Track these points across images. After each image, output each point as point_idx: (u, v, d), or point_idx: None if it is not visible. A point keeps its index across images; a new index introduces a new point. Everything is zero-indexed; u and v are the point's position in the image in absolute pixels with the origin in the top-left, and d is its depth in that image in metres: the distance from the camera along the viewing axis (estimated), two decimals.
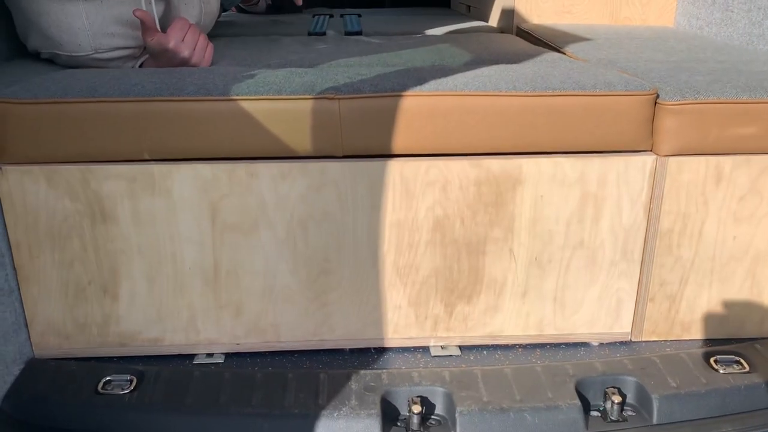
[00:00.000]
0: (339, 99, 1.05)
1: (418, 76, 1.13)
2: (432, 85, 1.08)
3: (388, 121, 1.06)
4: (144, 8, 1.31)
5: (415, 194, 1.09)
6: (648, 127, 1.09)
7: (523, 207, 1.10)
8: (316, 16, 2.48)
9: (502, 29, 2.10)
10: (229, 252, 1.10)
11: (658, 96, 1.09)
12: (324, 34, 2.07)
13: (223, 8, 2.10)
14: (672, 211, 1.11)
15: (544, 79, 1.11)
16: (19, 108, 1.01)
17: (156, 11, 1.35)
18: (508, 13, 2.04)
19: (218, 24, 1.90)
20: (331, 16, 2.53)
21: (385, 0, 3.76)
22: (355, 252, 1.11)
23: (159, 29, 1.30)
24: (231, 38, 1.83)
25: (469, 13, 2.62)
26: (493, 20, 2.23)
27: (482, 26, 2.14)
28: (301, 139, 1.06)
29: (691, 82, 1.12)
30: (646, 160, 1.09)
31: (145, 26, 1.27)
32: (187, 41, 1.30)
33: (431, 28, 2.11)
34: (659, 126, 1.09)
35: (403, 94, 1.05)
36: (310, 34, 2.03)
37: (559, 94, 1.06)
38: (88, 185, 1.05)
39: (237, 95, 1.04)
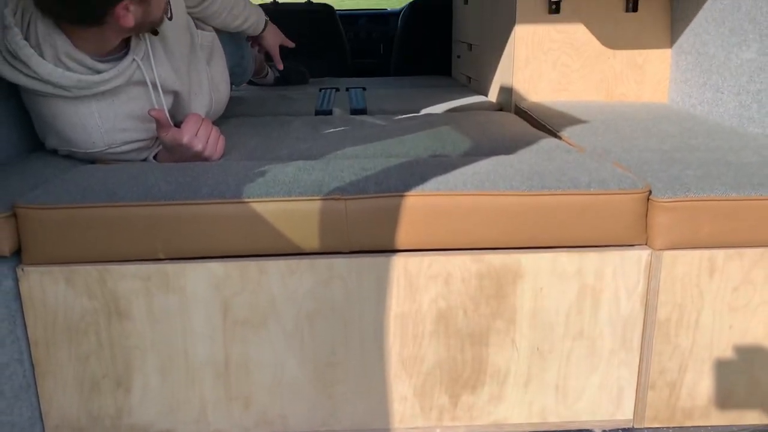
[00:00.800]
0: (345, 200, 1.10)
1: (420, 173, 1.18)
2: (433, 184, 1.14)
3: (391, 219, 1.11)
4: (155, 104, 1.39)
5: (418, 287, 1.13)
6: (642, 222, 1.14)
7: (523, 299, 1.14)
8: (323, 90, 2.58)
9: (501, 106, 2.18)
10: (239, 346, 1.13)
11: (651, 192, 1.14)
12: (330, 112, 2.15)
13: (234, 85, 2.19)
14: (668, 302, 1.15)
15: (541, 176, 1.16)
16: (42, 213, 1.07)
17: (166, 104, 1.42)
18: (507, 91, 2.12)
19: (228, 100, 1.98)
20: (337, 89, 2.62)
21: (389, 68, 3.90)
22: (361, 344, 1.15)
23: (172, 124, 1.37)
24: (241, 119, 1.91)
25: (470, 85, 2.71)
26: (493, 95, 2.31)
27: (482, 102, 2.21)
28: (309, 237, 1.11)
29: (682, 178, 1.17)
30: (642, 254, 1.13)
31: (159, 123, 1.34)
32: (200, 136, 1.37)
33: (433, 104, 2.19)
34: (653, 221, 1.13)
35: (406, 194, 1.10)
36: (317, 112, 2.12)
37: (554, 193, 1.11)
38: (105, 284, 1.10)
39: (249, 197, 1.09)
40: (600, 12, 2.01)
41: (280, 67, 2.24)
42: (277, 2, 3.55)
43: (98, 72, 1.30)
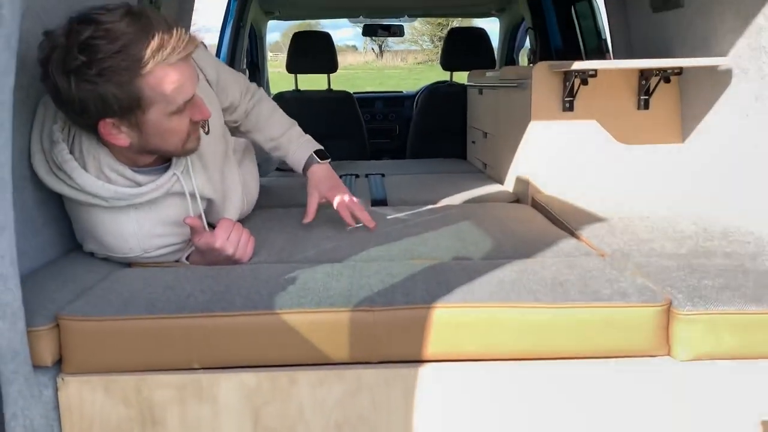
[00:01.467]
0: (374, 311, 1.14)
1: (446, 282, 1.23)
2: (458, 294, 1.18)
3: (419, 330, 1.14)
4: (191, 212, 1.45)
5: (447, 398, 1.15)
6: (663, 333, 1.16)
7: (550, 408, 1.16)
8: (343, 177, 2.66)
9: (518, 196, 2.23)
10: None
11: (671, 304, 1.17)
12: None
13: (260, 175, 2.27)
14: (692, 411, 1.16)
15: (564, 286, 1.20)
16: (84, 324, 1.12)
17: (202, 209, 1.49)
18: (523, 182, 2.19)
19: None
20: (357, 176, 2.71)
21: (405, 149, 4.01)
22: None
23: (207, 229, 1.43)
24: (268, 212, 1.97)
25: (485, 171, 2.79)
26: (509, 184, 2.37)
27: (499, 193, 2.28)
28: (338, 348, 1.14)
29: (700, 289, 1.20)
30: (665, 365, 1.15)
31: (194, 230, 1.40)
32: (231, 240, 1.43)
33: (451, 194, 2.25)
34: (674, 333, 1.16)
35: (433, 306, 1.14)
36: None
37: (578, 305, 1.14)
38: (141, 393, 1.13)
39: (281, 308, 1.14)
40: (612, 110, 2.10)
41: (306, 220, 1.70)
42: (299, 90, 3.71)
43: (138, 183, 1.38)
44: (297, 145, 1.77)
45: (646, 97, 2.08)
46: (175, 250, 1.49)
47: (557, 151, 2.12)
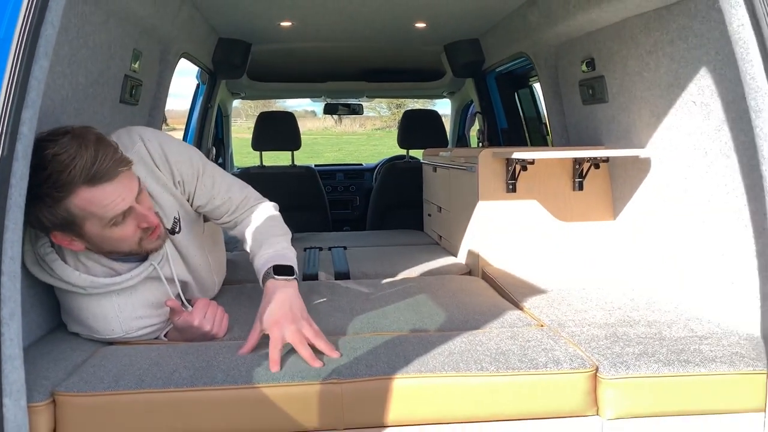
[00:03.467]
0: (341, 383, 1.29)
1: (404, 354, 1.39)
2: (416, 365, 1.34)
3: (381, 399, 1.30)
4: (171, 293, 1.59)
5: None
6: (592, 396, 1.34)
7: None
8: (307, 251, 2.83)
9: (470, 268, 2.43)
10: None
11: (597, 369, 1.35)
12: (316, 276, 2.38)
13: (228, 251, 2.41)
14: None
15: (506, 356, 1.37)
16: (78, 399, 1.23)
17: (180, 291, 1.63)
18: (474, 256, 2.39)
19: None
20: (321, 248, 2.88)
21: (365, 219, 4.21)
22: None
23: (186, 309, 1.57)
24: (238, 288, 2.11)
25: (440, 242, 2.99)
26: (462, 256, 2.57)
27: (453, 265, 2.47)
28: (310, 417, 1.28)
29: (623, 355, 1.39)
30: (594, 424, 1.33)
31: (173, 310, 1.54)
32: (208, 317, 1.57)
33: (409, 267, 2.43)
34: (601, 395, 1.34)
35: (393, 377, 1.30)
36: (304, 277, 2.34)
37: (517, 373, 1.32)
38: None
39: (257, 383, 1.28)
40: (551, 191, 2.34)
41: (240, 352, 1.43)
42: (264, 165, 3.90)
43: (115, 271, 1.52)
44: (262, 257, 1.63)
45: (580, 179, 2.33)
46: (154, 330, 1.62)
47: (503, 227, 2.34)
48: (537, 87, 3.55)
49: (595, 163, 2.27)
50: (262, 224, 1.73)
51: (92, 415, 1.24)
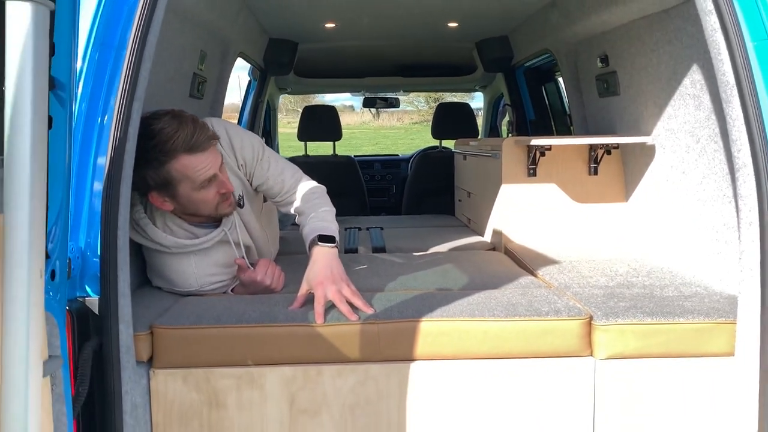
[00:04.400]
0: (378, 324, 1.59)
1: (429, 304, 1.68)
2: (438, 312, 1.63)
3: (410, 337, 1.59)
4: (237, 254, 1.92)
5: (430, 387, 1.58)
6: (587, 339, 1.61)
7: (501, 394, 1.59)
8: (347, 230, 3.13)
9: (494, 246, 2.70)
10: (300, 430, 1.57)
11: (592, 318, 1.62)
12: (356, 250, 2.69)
13: (280, 228, 2.73)
14: (606, 394, 1.59)
15: (515, 306, 1.65)
16: (170, 332, 1.56)
17: (244, 253, 1.95)
18: (498, 234, 2.66)
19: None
20: (360, 229, 3.18)
21: (401, 206, 4.51)
22: (388, 429, 1.58)
23: (250, 267, 1.89)
24: (289, 257, 2.43)
25: (470, 225, 3.27)
26: (488, 236, 2.85)
27: (478, 242, 2.75)
28: (352, 350, 1.59)
29: (615, 308, 1.66)
30: (588, 363, 1.60)
31: (240, 267, 1.87)
32: (268, 273, 1.89)
33: (439, 244, 2.71)
34: (594, 339, 1.61)
35: (420, 319, 1.59)
36: (346, 251, 2.65)
37: (523, 319, 1.60)
38: (209, 382, 1.56)
39: (311, 323, 1.59)
40: (568, 175, 2.59)
41: (290, 308, 1.67)
42: (308, 155, 4.23)
43: (195, 234, 1.85)
44: (309, 227, 1.89)
45: (595, 165, 2.58)
46: (223, 286, 1.95)
47: (524, 208, 2.60)
48: (561, 81, 3.79)
49: (608, 149, 2.51)
50: (310, 201, 2.01)
51: (181, 344, 1.56)
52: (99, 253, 1.39)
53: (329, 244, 1.82)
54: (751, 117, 1.40)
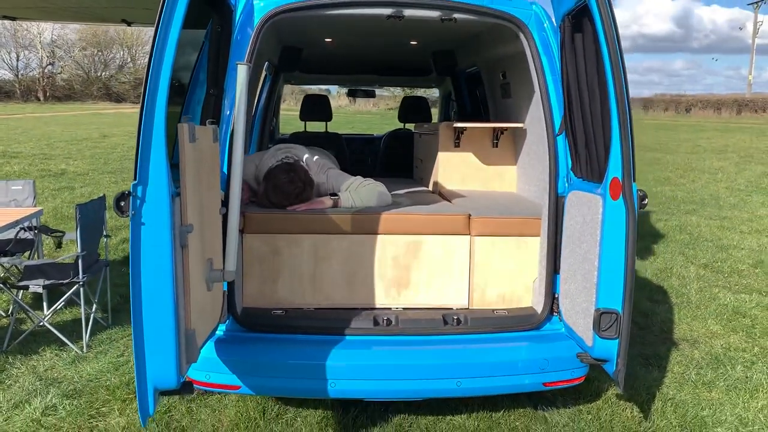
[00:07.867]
0: (361, 215, 3.11)
1: (390, 209, 3.19)
2: (394, 211, 3.14)
3: (376, 222, 3.11)
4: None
5: (385, 247, 3.11)
6: (467, 225, 3.15)
7: (422, 254, 3.12)
8: None
9: (433, 190, 4.23)
10: (320, 266, 3.08)
11: (470, 215, 3.15)
12: None
13: None
14: (476, 254, 3.13)
15: (427, 208, 3.18)
16: (250, 216, 3.05)
17: None
18: (435, 184, 4.19)
19: None
20: None
21: (375, 174, 6.02)
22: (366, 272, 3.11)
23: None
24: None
25: (422, 182, 4.79)
26: (431, 186, 4.37)
27: (425, 190, 4.28)
28: (346, 227, 3.10)
29: (483, 210, 3.19)
30: (467, 238, 3.14)
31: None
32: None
33: (396, 190, 4.23)
34: (471, 225, 3.14)
35: (381, 214, 3.11)
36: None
37: (430, 214, 3.13)
38: (274, 241, 3.06)
39: (326, 213, 3.09)
40: (478, 146, 4.12)
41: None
42: (307, 131, 5.71)
43: None
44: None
45: (496, 141, 4.11)
46: None
47: (452, 168, 4.13)
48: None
49: (502, 130, 4.05)
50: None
51: (259, 222, 3.05)
52: None
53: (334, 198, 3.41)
54: (546, 114, 2.95)
